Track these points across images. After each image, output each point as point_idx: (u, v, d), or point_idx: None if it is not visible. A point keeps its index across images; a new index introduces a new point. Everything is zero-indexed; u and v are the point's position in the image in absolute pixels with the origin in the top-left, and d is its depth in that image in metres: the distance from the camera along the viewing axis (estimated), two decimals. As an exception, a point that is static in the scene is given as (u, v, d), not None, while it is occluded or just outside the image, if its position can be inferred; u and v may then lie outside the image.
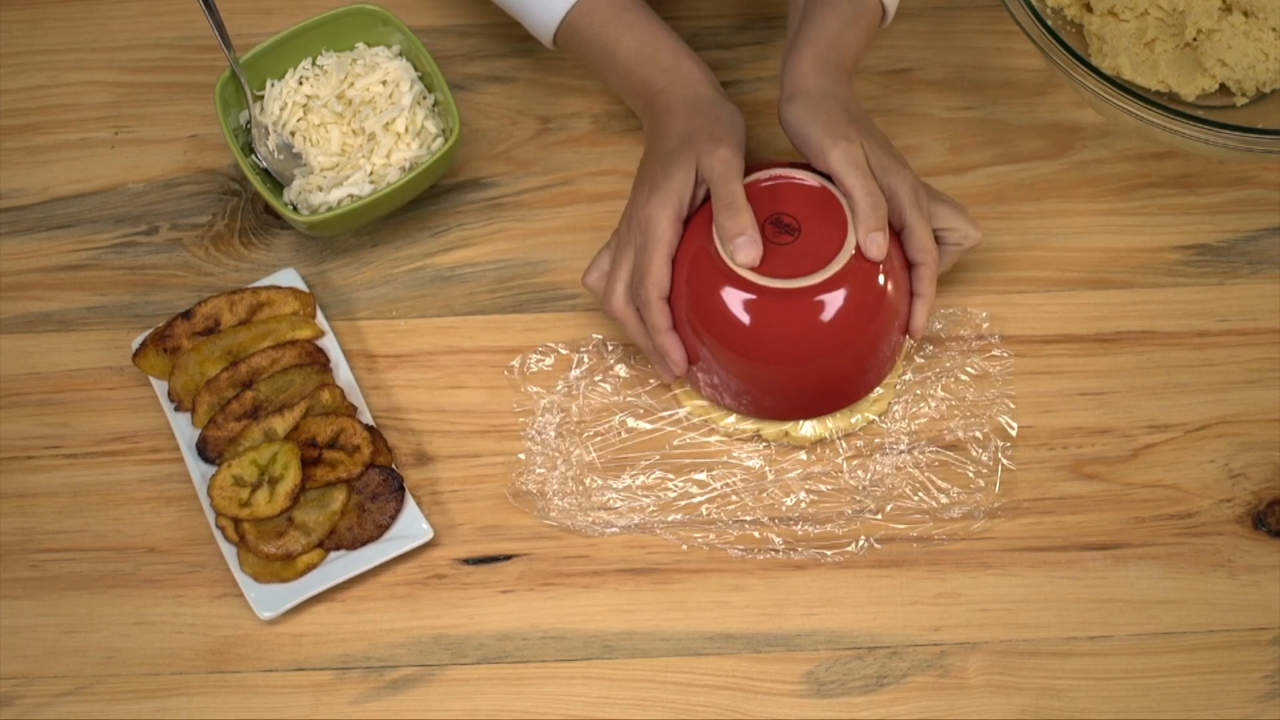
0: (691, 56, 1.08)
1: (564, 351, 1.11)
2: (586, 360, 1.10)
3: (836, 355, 1.02)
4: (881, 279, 1.02)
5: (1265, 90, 1.16)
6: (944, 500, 1.06)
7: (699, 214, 1.03)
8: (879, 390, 1.08)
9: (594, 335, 1.11)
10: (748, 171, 1.03)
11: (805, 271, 1.00)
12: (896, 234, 1.03)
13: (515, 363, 1.10)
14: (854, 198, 1.00)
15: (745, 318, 1.00)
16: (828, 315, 1.00)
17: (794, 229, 1.01)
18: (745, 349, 1.01)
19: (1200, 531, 1.06)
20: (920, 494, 1.06)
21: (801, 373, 1.03)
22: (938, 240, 1.05)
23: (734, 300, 1.00)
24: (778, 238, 1.01)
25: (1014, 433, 1.08)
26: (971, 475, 1.07)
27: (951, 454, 1.08)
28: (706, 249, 1.01)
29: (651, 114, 1.07)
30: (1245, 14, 1.16)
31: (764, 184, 1.03)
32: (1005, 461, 1.07)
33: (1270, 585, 1.04)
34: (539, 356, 1.11)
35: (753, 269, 1.00)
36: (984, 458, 1.07)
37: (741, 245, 0.99)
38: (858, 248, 1.00)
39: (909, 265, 1.04)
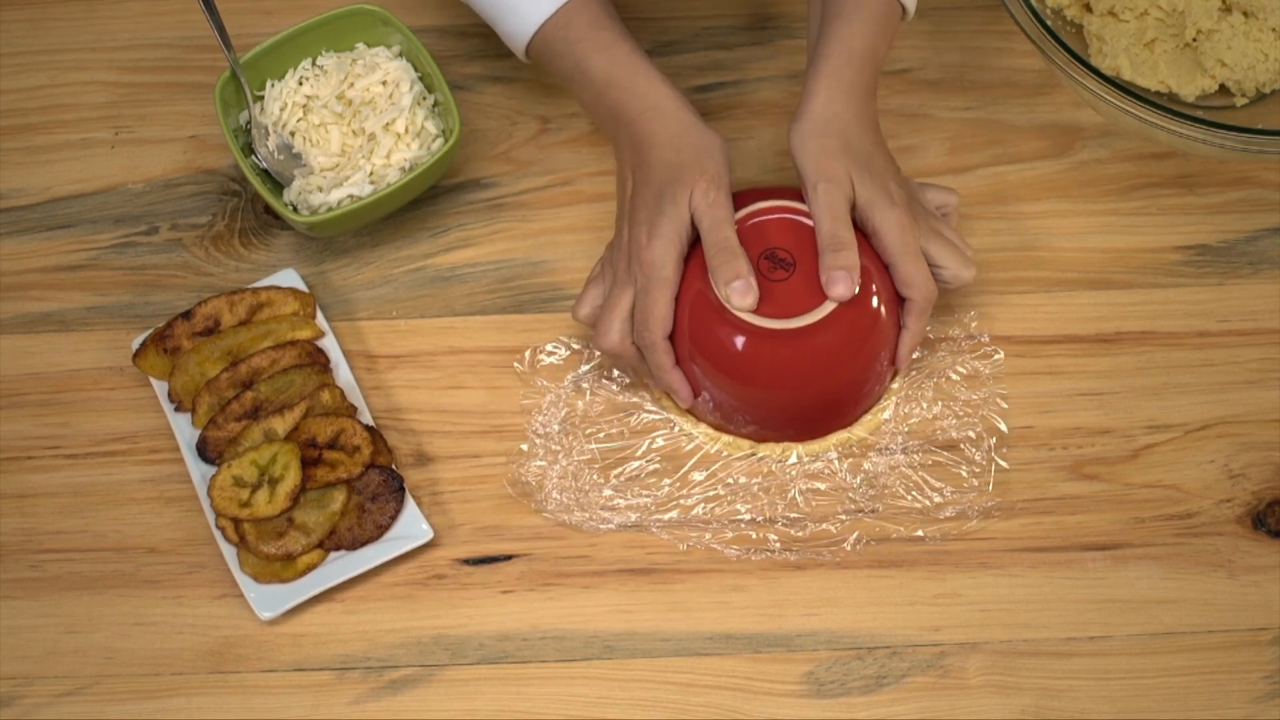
0: (666, 82, 1.06)
1: (576, 347, 1.11)
2: (596, 357, 1.10)
3: (830, 384, 1.03)
4: (874, 314, 1.02)
5: (1265, 90, 1.16)
6: (938, 499, 1.06)
7: (695, 252, 1.03)
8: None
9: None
10: (747, 202, 1.04)
11: (800, 310, 1.01)
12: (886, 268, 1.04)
13: (526, 354, 1.10)
14: (818, 239, 1.01)
15: (741, 355, 1.01)
16: (823, 350, 1.01)
17: (789, 264, 1.01)
18: (742, 380, 1.02)
19: (1200, 532, 1.06)
20: (914, 493, 1.06)
21: (797, 399, 1.04)
22: None
23: (731, 340, 1.01)
24: (773, 274, 1.02)
25: (1005, 430, 1.08)
26: (965, 475, 1.07)
27: (945, 454, 1.07)
28: (704, 291, 1.02)
29: (628, 142, 1.06)
30: (1245, 14, 1.16)
31: (759, 219, 1.03)
32: (999, 460, 1.07)
33: (1270, 585, 1.04)
34: (551, 349, 1.11)
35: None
36: (977, 457, 1.07)
37: (737, 289, 1.00)
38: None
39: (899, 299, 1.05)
